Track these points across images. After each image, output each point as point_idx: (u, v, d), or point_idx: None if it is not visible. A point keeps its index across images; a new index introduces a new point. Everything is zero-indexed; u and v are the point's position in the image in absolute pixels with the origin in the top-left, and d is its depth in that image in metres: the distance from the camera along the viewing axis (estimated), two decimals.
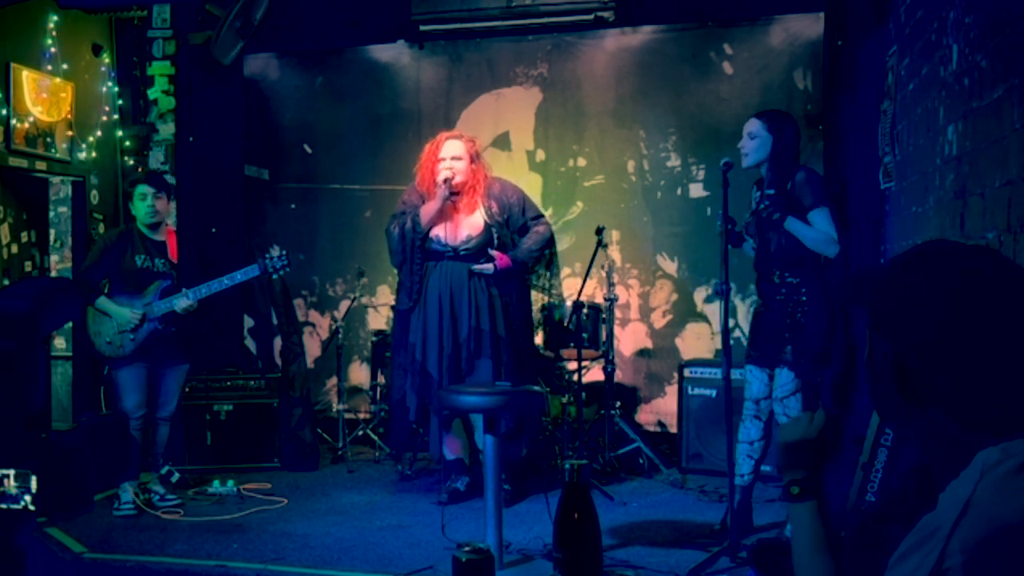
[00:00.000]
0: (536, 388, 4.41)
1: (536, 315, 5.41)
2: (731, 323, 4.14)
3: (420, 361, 4.90)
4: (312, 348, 6.82)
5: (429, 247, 4.93)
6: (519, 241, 5.02)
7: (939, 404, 1.25)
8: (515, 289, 5.03)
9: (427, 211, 4.88)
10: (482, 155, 5.11)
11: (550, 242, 5.12)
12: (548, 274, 5.22)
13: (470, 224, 4.92)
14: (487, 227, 4.91)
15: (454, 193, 4.88)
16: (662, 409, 6.26)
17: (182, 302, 4.78)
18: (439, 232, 4.91)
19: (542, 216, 5.16)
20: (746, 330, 5.68)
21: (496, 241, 4.93)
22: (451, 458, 5.02)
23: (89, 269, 4.86)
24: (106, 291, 4.85)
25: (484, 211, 4.93)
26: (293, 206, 7.04)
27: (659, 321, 6.38)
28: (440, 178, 4.84)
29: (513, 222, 5.00)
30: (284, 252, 5.00)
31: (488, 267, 4.85)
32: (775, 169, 4.11)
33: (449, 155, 4.89)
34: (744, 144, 4.15)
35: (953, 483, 1.18)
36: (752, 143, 4.11)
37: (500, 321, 4.90)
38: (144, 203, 4.84)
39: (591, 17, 6.11)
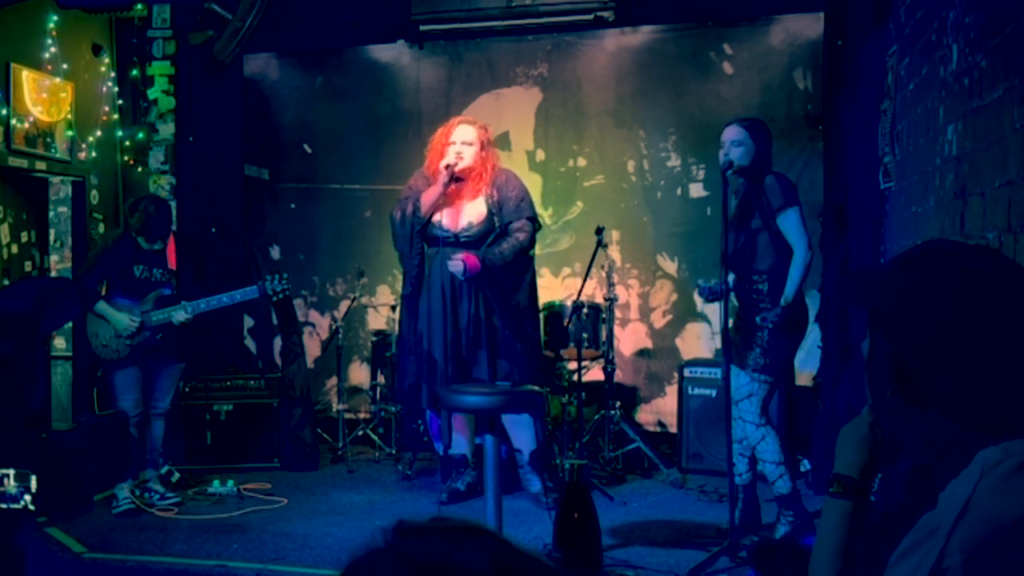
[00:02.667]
0: (536, 388, 4.39)
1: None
2: (730, 323, 4.14)
3: (427, 349, 4.85)
4: (312, 348, 6.82)
5: (431, 233, 4.85)
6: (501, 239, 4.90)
7: (939, 404, 1.25)
8: (516, 280, 4.92)
9: (428, 196, 4.81)
10: (494, 144, 5.01)
11: (523, 252, 4.89)
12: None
13: (472, 211, 4.85)
14: (490, 215, 4.84)
15: (458, 179, 4.79)
16: (662, 409, 6.26)
17: (180, 315, 4.80)
18: (440, 217, 4.84)
19: (533, 220, 4.93)
20: None
21: (498, 230, 4.84)
22: (456, 452, 5.01)
23: (87, 274, 4.84)
24: (103, 294, 4.86)
25: (486, 199, 4.86)
26: (293, 206, 7.05)
27: (659, 321, 6.38)
28: (443, 163, 4.77)
29: (504, 215, 4.86)
30: (285, 276, 4.98)
31: (458, 267, 4.71)
32: (753, 176, 4.13)
33: (460, 139, 4.81)
34: (730, 151, 4.11)
35: (953, 483, 1.18)
36: (739, 150, 4.09)
37: (497, 311, 4.83)
38: (150, 243, 4.85)
39: (591, 17, 6.11)
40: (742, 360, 4.09)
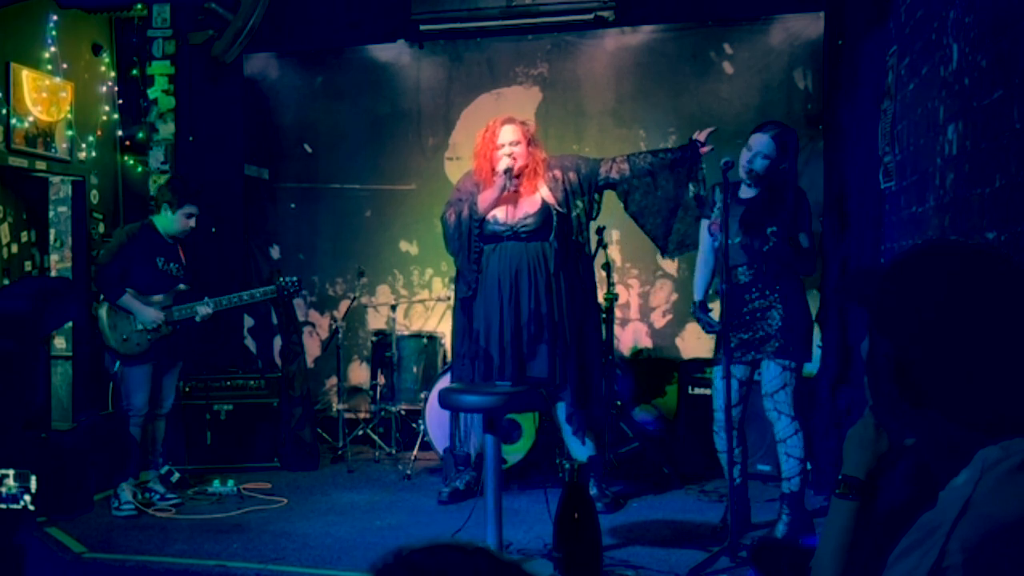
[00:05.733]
0: (532, 390, 4.37)
1: None
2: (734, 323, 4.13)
3: (484, 347, 4.74)
4: (312, 348, 6.82)
5: (487, 230, 4.75)
6: (584, 205, 4.85)
7: (939, 404, 1.25)
8: (575, 272, 4.83)
9: (485, 199, 4.71)
10: (538, 138, 4.92)
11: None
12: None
13: (528, 203, 4.76)
14: (545, 205, 4.74)
15: (515, 177, 4.71)
16: (662, 409, 6.26)
17: (203, 310, 4.83)
18: (496, 213, 4.75)
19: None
20: None
21: (556, 218, 4.74)
22: (461, 451, 4.99)
23: (109, 264, 4.81)
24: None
25: (547, 187, 4.77)
26: (293, 206, 7.05)
27: (659, 321, 6.38)
28: (501, 167, 4.65)
29: (587, 174, 4.82)
30: (297, 279, 5.20)
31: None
32: (772, 183, 4.13)
33: (507, 141, 4.71)
34: (754, 161, 4.13)
35: (953, 482, 1.18)
36: (764, 163, 4.11)
37: (555, 305, 4.71)
38: (188, 220, 4.83)
39: (591, 17, 6.11)
40: (765, 352, 4.11)
